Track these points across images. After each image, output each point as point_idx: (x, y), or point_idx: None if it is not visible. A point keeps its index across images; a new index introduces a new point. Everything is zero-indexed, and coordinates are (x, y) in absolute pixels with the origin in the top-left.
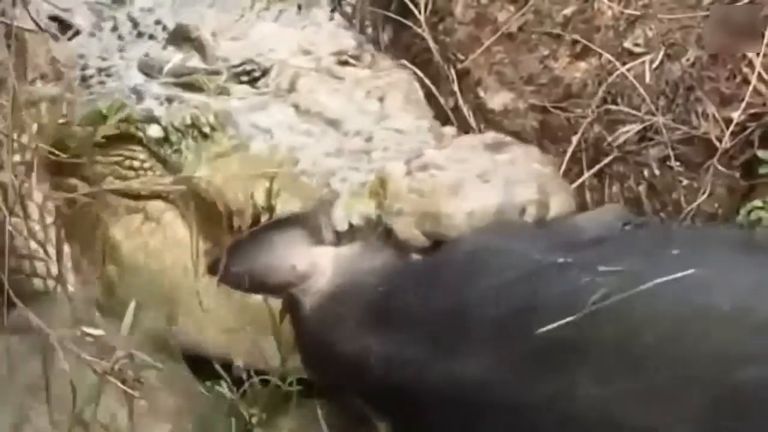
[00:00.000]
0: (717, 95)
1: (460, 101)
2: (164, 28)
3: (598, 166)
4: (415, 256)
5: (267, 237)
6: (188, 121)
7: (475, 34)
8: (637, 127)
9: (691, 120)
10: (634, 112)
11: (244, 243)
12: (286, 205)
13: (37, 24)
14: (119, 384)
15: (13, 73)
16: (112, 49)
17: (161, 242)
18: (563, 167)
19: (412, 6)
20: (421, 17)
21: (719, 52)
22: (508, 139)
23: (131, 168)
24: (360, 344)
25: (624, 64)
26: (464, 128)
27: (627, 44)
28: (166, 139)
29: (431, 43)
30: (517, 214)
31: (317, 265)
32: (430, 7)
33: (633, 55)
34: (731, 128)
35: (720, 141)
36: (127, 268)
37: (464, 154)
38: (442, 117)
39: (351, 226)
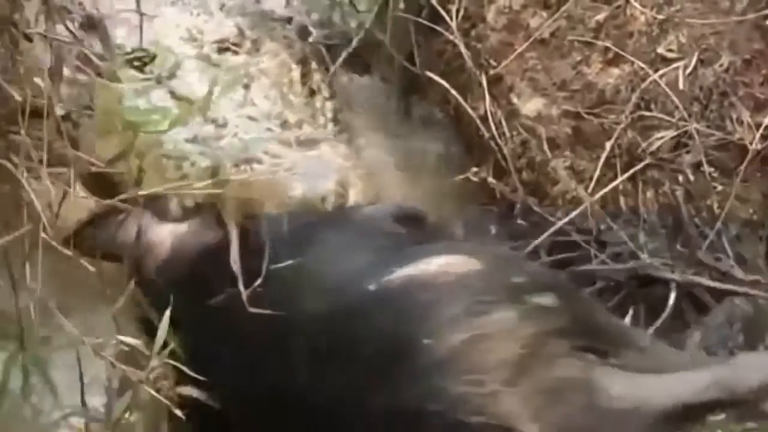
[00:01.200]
0: (751, 100)
1: (488, 107)
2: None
3: (631, 171)
4: None
5: (120, 213)
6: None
7: (508, 40)
8: (671, 133)
9: (726, 125)
10: (668, 118)
11: (99, 217)
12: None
13: (72, 33)
14: (155, 394)
15: (50, 82)
16: None
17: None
18: (597, 173)
19: (443, 12)
20: (453, 23)
21: (753, 56)
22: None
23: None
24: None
25: (657, 70)
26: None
27: (660, 50)
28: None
29: (463, 50)
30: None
31: (160, 238)
32: (461, 13)
33: (666, 61)
34: (761, 132)
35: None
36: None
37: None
38: (473, 125)
39: (196, 205)
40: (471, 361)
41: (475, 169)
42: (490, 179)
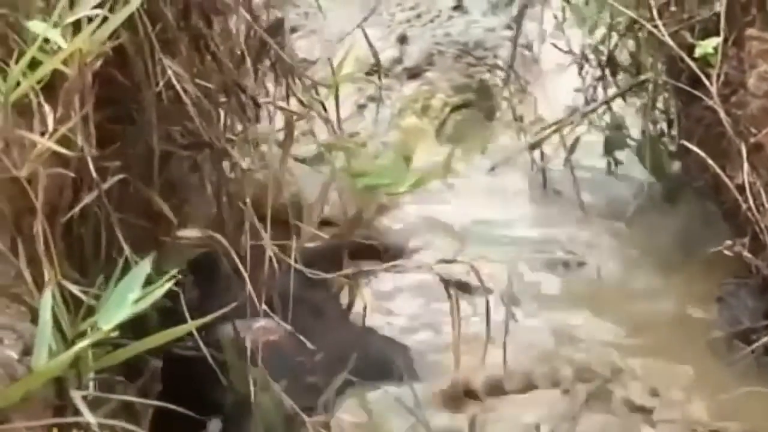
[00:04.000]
0: None
1: (747, 177)
2: None
3: None
4: None
5: None
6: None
7: None
8: None
9: None
10: None
11: None
12: None
13: (301, 101)
14: None
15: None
16: None
17: None
18: None
19: (703, 77)
20: (713, 89)
21: None
22: None
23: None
24: None
25: None
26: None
27: None
28: None
29: (723, 116)
30: None
31: None
32: (722, 78)
33: None
34: None
35: None
36: None
37: None
38: (731, 195)
39: None
40: None
41: (729, 242)
42: (746, 254)
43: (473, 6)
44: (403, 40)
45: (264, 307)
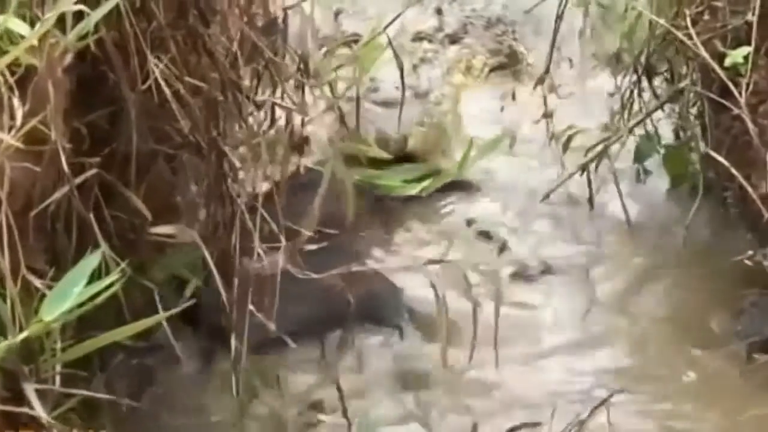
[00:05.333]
0: None
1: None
2: None
3: None
4: None
5: None
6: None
7: None
8: None
9: None
10: None
11: None
12: None
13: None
14: None
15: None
16: None
17: None
18: None
19: (732, 87)
20: (741, 99)
21: None
22: None
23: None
24: None
25: None
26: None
27: None
28: None
29: (750, 126)
30: None
31: None
32: (751, 88)
33: None
34: None
35: None
36: None
37: None
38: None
39: None
40: None
41: (751, 252)
42: (767, 263)
43: None
44: (440, 12)
45: None
